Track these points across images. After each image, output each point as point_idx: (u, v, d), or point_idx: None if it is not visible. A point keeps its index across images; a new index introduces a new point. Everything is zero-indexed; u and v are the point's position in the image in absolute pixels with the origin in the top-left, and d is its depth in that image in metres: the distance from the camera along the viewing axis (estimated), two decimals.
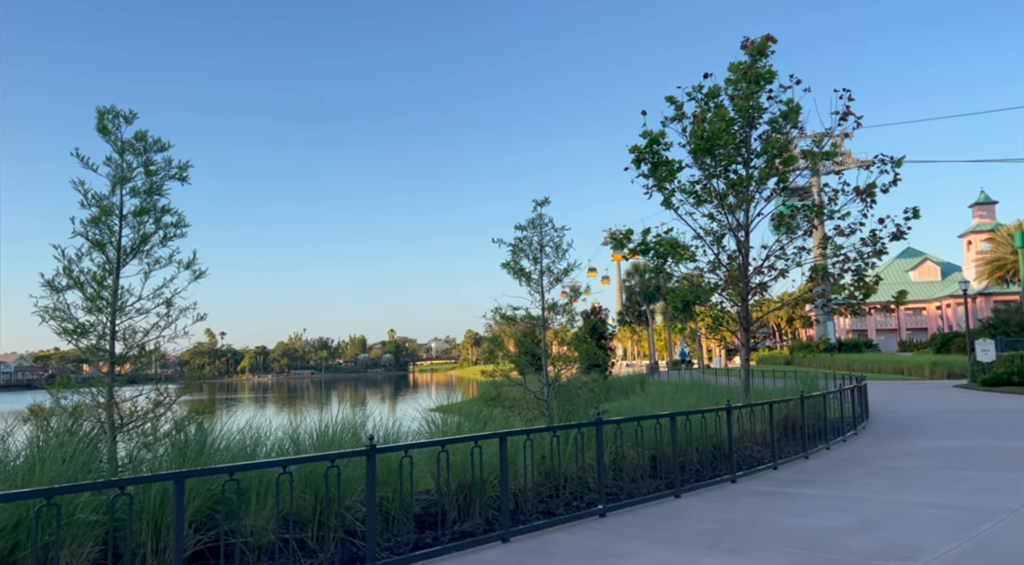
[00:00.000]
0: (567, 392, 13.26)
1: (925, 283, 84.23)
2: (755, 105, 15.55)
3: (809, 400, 13.82)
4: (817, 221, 16.89)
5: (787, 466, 11.98)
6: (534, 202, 12.79)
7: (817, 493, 9.66)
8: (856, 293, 16.28)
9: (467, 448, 7.83)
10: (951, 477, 10.59)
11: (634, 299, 73.17)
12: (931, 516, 8.00)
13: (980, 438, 14.94)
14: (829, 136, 16.05)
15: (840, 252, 16.32)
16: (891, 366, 49.72)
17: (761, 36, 15.55)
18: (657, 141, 15.99)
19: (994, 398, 26.60)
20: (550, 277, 13.02)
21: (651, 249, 16.75)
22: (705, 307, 17.74)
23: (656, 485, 10.05)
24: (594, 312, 47.49)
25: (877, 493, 9.55)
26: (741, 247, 16.42)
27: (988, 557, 6.37)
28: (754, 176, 15.90)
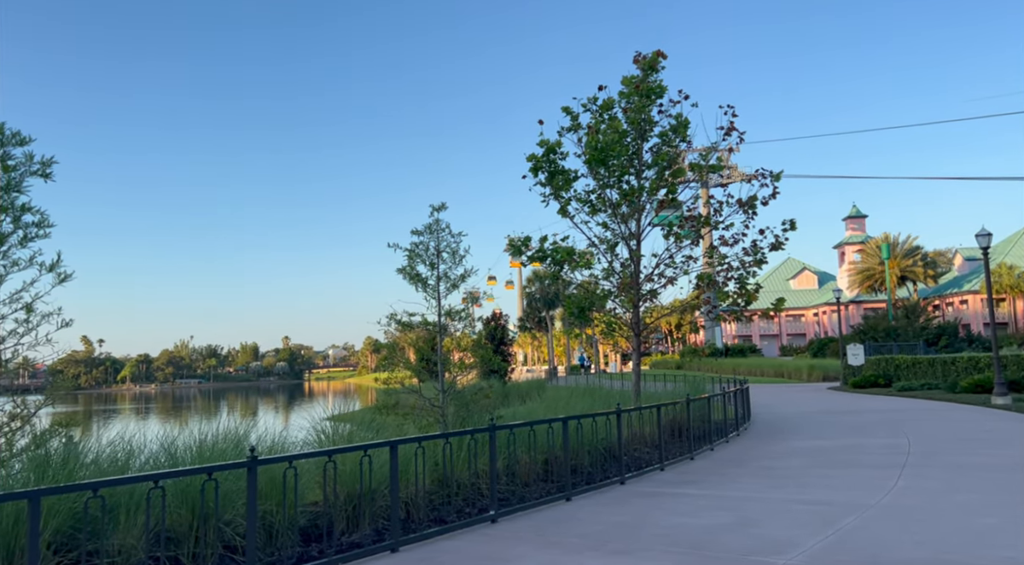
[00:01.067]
0: (463, 399, 13.22)
1: (804, 291, 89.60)
2: (646, 118, 16.11)
3: (695, 403, 14.39)
4: (704, 231, 17.66)
5: (673, 467, 12.41)
6: (431, 207, 12.72)
7: (700, 493, 10.05)
8: (739, 300, 17.10)
9: (357, 458, 7.65)
10: (822, 475, 11.28)
11: (534, 305, 74.06)
12: (802, 512, 8.48)
13: (849, 437, 16.00)
14: (715, 150, 16.84)
15: (724, 261, 17.11)
16: (772, 370, 52.56)
17: (652, 52, 16.14)
18: (554, 150, 16.28)
19: (862, 399, 28.59)
20: (447, 283, 12.95)
21: (548, 256, 17.01)
22: (600, 313, 18.17)
23: (548, 489, 10.17)
24: (495, 318, 47.72)
25: (755, 491, 10.04)
26: (633, 255, 16.93)
27: (848, 549, 6.81)
28: (645, 187, 16.44)
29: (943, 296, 76.88)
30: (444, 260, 12.84)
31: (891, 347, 45.38)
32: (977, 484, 9.87)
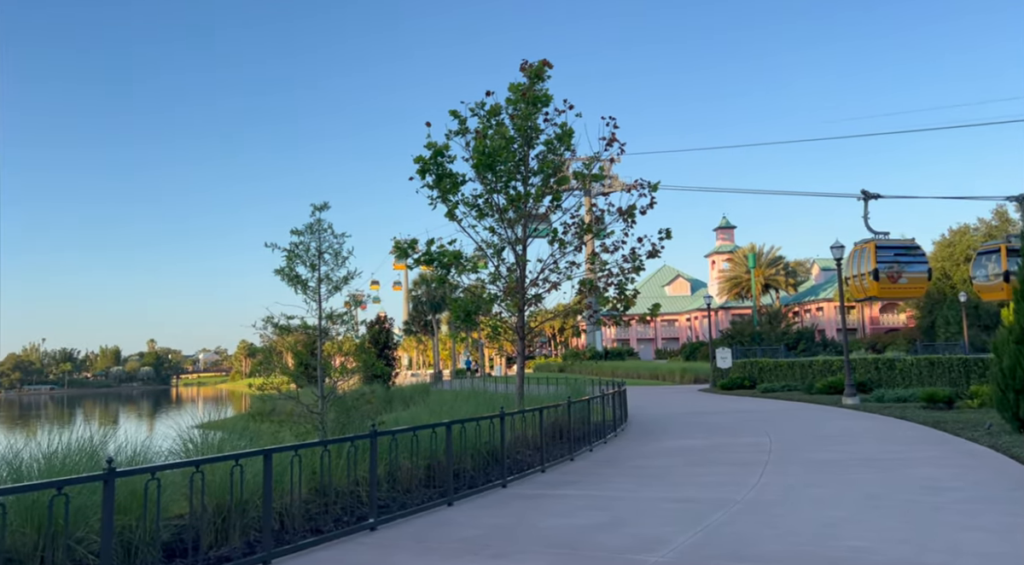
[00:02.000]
0: (345, 404, 12.89)
1: (678, 297, 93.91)
2: (533, 126, 16.36)
3: (576, 405, 14.73)
4: (587, 238, 18.13)
5: (554, 469, 12.64)
6: (313, 207, 12.34)
7: (579, 493, 10.29)
8: (618, 305, 17.66)
9: (228, 467, 7.28)
10: (691, 473, 11.83)
11: (421, 309, 73.51)
12: (673, 510, 8.85)
13: (717, 437, 16.88)
14: (598, 160, 17.34)
15: (605, 267, 17.63)
16: (648, 372, 54.73)
17: (539, 61, 16.42)
18: (441, 153, 16.23)
19: (730, 400, 30.27)
20: (329, 285, 12.61)
21: (435, 259, 16.92)
22: (486, 317, 18.26)
23: (430, 494, 10.09)
24: (379, 321, 46.97)
25: (629, 491, 10.39)
26: (519, 260, 17.13)
27: (714, 544, 7.17)
28: (531, 193, 16.69)
29: (802, 303, 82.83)
30: (326, 262, 12.49)
31: (756, 351, 48.33)
32: (829, 479, 10.66)
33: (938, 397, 20.81)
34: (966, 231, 62.58)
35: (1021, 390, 13.75)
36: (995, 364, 14.62)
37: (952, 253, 61.76)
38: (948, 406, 20.49)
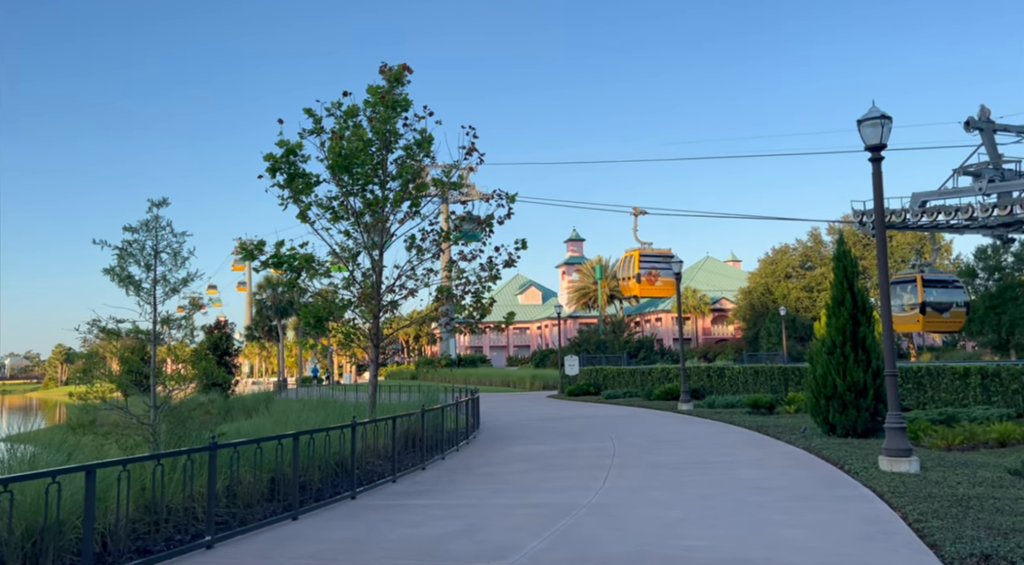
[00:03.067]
0: (180, 415, 12.03)
1: (530, 306, 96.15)
2: (391, 130, 16.16)
3: (429, 413, 14.63)
4: (445, 245, 18.13)
5: (406, 478, 12.47)
6: (150, 202, 11.47)
7: (430, 502, 10.21)
8: (475, 313, 17.79)
9: (42, 485, 6.55)
10: (541, 478, 12.09)
11: (265, 313, 70.10)
12: (523, 515, 9.00)
13: (565, 442, 17.39)
14: (457, 168, 17.42)
15: (462, 275, 17.70)
16: (500, 379, 55.51)
17: (399, 65, 16.26)
18: (294, 152, 15.63)
19: (577, 406, 31.32)
20: (166, 287, 11.76)
21: (285, 262, 16.23)
22: (338, 323, 17.75)
23: (274, 509, 9.62)
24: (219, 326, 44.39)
25: (481, 498, 10.45)
26: (375, 266, 16.82)
27: (563, 548, 7.36)
28: (389, 198, 16.46)
29: (643, 314, 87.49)
30: (163, 262, 11.65)
31: (601, 359, 50.40)
32: (667, 481, 11.29)
33: (761, 403, 22.65)
34: (786, 250, 68.79)
35: (831, 396, 15.28)
36: (810, 373, 16.14)
37: (774, 270, 67.65)
38: (770, 411, 22.36)
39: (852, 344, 15.29)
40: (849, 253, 16.43)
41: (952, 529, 7.17)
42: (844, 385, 15.07)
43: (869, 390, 15.01)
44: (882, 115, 11.46)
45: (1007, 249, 52.20)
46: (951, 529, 7.17)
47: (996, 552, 6.32)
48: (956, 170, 32.82)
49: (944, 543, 6.71)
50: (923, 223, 33.25)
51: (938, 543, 6.77)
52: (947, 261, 61.27)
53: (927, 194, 32.65)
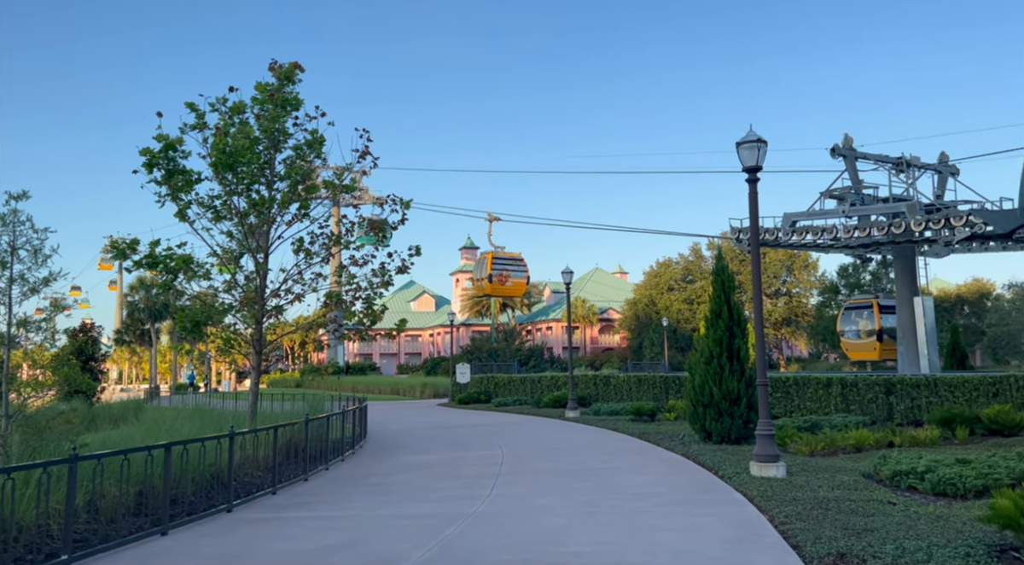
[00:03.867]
0: (36, 424, 11.12)
1: (423, 313, 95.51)
2: (281, 129, 15.65)
3: (314, 422, 14.20)
4: (335, 250, 17.69)
5: (287, 490, 12.04)
6: (7, 195, 10.58)
7: (312, 514, 9.90)
8: (365, 320, 17.45)
9: None
10: (429, 488, 11.99)
11: (137, 316, 66.00)
12: (409, 526, 8.88)
13: (453, 451, 17.34)
14: (349, 171, 17.06)
15: (353, 281, 17.33)
16: (390, 388, 54.71)
17: (289, 63, 15.79)
18: (174, 147, 14.83)
19: (467, 414, 31.32)
20: (24, 286, 10.87)
21: (160, 263, 15.34)
22: (217, 328, 16.94)
23: (141, 524, 9.03)
24: (84, 329, 41.42)
25: (367, 509, 10.23)
26: (259, 269, 16.20)
27: (449, 558, 7.31)
28: (276, 199, 15.91)
29: (535, 322, 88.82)
30: (21, 259, 10.76)
31: (492, 366, 50.71)
32: (553, 488, 11.46)
33: (643, 410, 23.47)
34: (669, 264, 71.80)
35: (708, 404, 16.03)
36: (689, 382, 16.87)
37: (658, 283, 70.42)
38: (651, 418, 23.20)
39: (728, 355, 16.12)
40: (727, 268, 17.33)
41: (813, 530, 7.67)
42: (720, 394, 15.85)
43: (742, 398, 15.85)
44: (758, 139, 12.18)
45: (865, 268, 56.71)
46: (812, 530, 7.67)
47: (850, 550, 6.81)
48: (823, 193, 35.32)
49: (806, 543, 7.17)
50: (793, 242, 35.54)
51: (801, 544, 7.22)
52: (813, 278, 65.85)
53: (797, 214, 34.94)
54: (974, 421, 16.03)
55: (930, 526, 7.62)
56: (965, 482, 9.55)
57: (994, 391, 17.27)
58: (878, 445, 14.63)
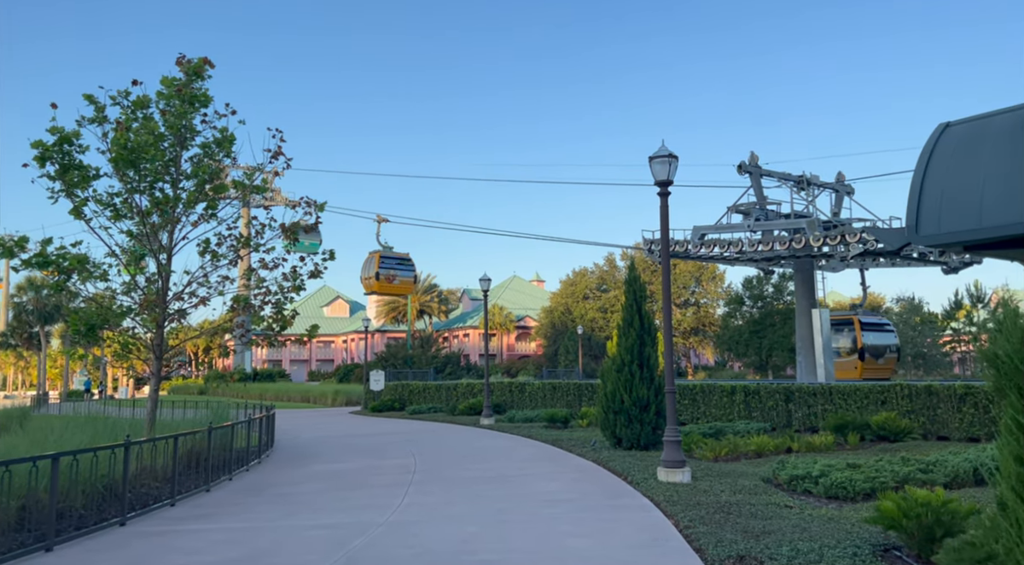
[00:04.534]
0: None
1: (336, 319, 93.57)
2: (188, 125, 15.05)
3: (218, 431, 13.67)
4: (244, 252, 17.11)
5: (187, 501, 11.52)
6: None
7: (213, 527, 9.50)
8: (274, 325, 16.94)
9: None
10: (338, 498, 11.72)
11: (25, 318, 61.85)
12: (317, 537, 8.65)
13: (365, 459, 17.03)
14: (261, 171, 16.56)
15: (263, 285, 16.81)
16: (300, 395, 53.30)
17: (199, 58, 15.22)
18: (70, 141, 14.01)
19: (380, 422, 30.85)
20: None
21: (52, 263, 14.44)
22: (114, 332, 16.08)
23: (23, 539, 8.44)
24: None
25: (271, 520, 9.91)
26: (162, 270, 15.49)
27: None
28: (182, 198, 15.27)
29: (452, 329, 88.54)
30: None
31: (408, 374, 50.18)
32: (466, 496, 11.42)
33: (557, 417, 23.73)
34: (585, 273, 73.08)
35: (619, 411, 16.36)
36: (601, 389, 17.19)
37: (574, 291, 71.55)
38: (565, 425, 23.48)
39: (639, 363, 16.52)
40: (639, 278, 17.78)
41: (715, 533, 7.93)
42: (631, 400, 16.21)
43: (652, 405, 16.27)
44: (669, 154, 12.58)
45: (768, 280, 59.38)
46: (715, 533, 7.93)
47: (749, 553, 7.08)
48: (730, 208, 36.84)
49: (708, 546, 7.40)
50: (702, 254, 36.87)
51: (703, 547, 7.45)
52: (720, 289, 68.42)
53: (706, 228, 36.26)
54: (864, 428, 17.00)
55: (822, 528, 8.01)
56: (855, 486, 10.10)
57: (882, 399, 18.36)
58: (777, 450, 15.30)
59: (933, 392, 17.44)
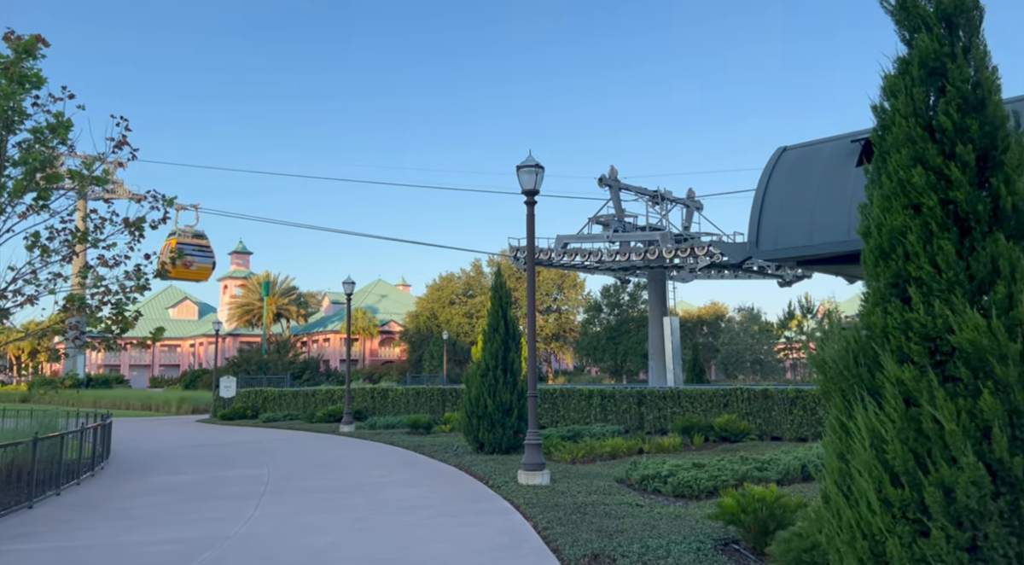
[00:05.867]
0: None
1: (183, 321, 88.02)
2: (16, 108, 13.62)
3: (44, 442, 12.45)
4: (80, 248, 15.69)
5: (7, 519, 10.38)
6: None
7: (39, 546, 8.62)
8: (114, 327, 15.65)
9: None
10: (184, 511, 11.00)
11: None
12: (158, 553, 8.07)
13: (213, 470, 16.10)
14: (102, 161, 15.28)
15: (101, 283, 15.49)
16: (140, 402, 49.62)
17: (31, 35, 13.84)
18: None
19: (231, 431, 29.31)
20: None
21: None
22: None
23: None
24: None
25: (104, 537, 9.14)
26: None
27: None
28: (7, 186, 13.78)
29: (311, 334, 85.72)
30: None
31: (262, 380, 48.05)
32: (322, 506, 11.07)
33: (420, 423, 23.57)
34: (451, 278, 73.20)
35: (482, 416, 16.49)
36: (465, 394, 17.26)
37: (440, 296, 71.46)
38: (427, 431, 23.36)
39: (503, 367, 16.75)
40: (505, 285, 18.05)
41: (571, 534, 8.17)
42: (494, 405, 16.39)
43: (514, 409, 16.54)
44: (536, 164, 12.88)
45: (625, 289, 62.13)
46: (571, 534, 8.17)
47: (603, 551, 7.35)
48: (591, 219, 38.31)
49: (564, 547, 7.61)
50: (564, 262, 38.05)
51: (560, 547, 7.66)
52: (581, 296, 70.79)
53: (568, 237, 37.43)
54: (709, 429, 18.15)
55: (670, 525, 8.46)
56: (699, 484, 10.76)
57: (725, 402, 19.70)
58: (630, 452, 16.01)
59: (769, 396, 18.92)
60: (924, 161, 4.05)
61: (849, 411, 4.06)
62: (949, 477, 3.58)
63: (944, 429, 3.65)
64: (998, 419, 3.59)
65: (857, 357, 4.11)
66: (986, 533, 3.53)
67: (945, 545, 3.54)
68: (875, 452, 3.81)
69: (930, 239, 3.97)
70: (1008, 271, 3.80)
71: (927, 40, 4.08)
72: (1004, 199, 3.93)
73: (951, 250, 3.89)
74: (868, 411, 3.90)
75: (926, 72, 4.12)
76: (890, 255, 4.09)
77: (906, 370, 3.82)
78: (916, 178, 4.02)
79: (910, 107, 4.14)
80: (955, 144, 4.00)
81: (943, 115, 4.03)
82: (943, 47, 4.08)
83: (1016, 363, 3.63)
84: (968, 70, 4.08)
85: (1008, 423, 3.62)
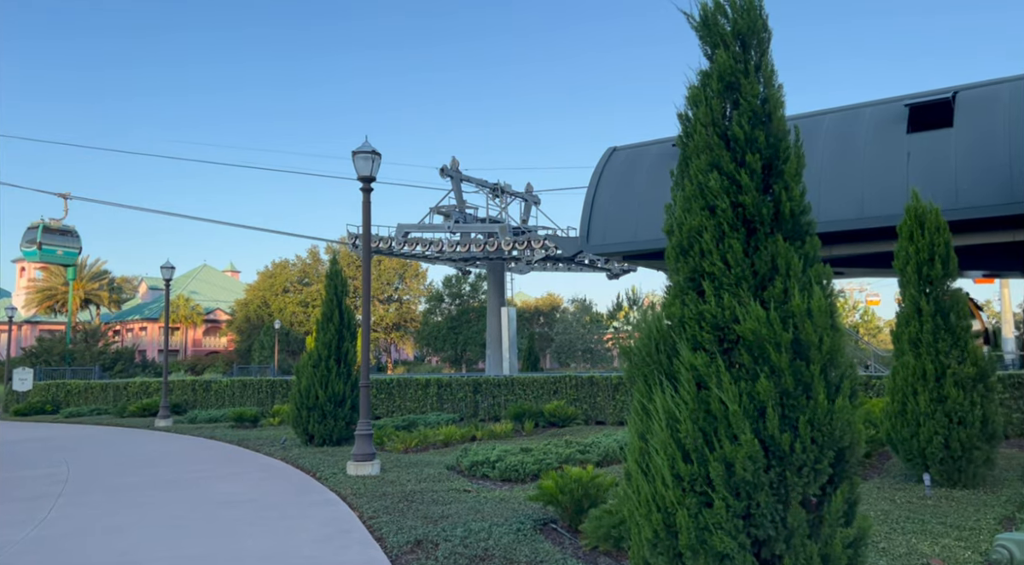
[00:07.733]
0: None
1: None
2: None
3: None
4: None
5: None
6: None
7: None
8: None
9: None
10: None
11: None
12: None
13: (2, 471, 14.44)
14: None
15: None
16: None
17: None
18: None
19: (26, 427, 26.43)
20: None
21: None
22: None
23: None
24: None
25: None
26: None
27: None
28: None
29: (125, 322, 78.98)
30: None
31: (66, 372, 43.64)
32: (133, 505, 10.29)
33: (246, 416, 22.48)
34: (285, 265, 70.23)
35: (313, 407, 16.04)
36: (296, 385, 16.70)
37: (273, 284, 68.35)
38: (254, 424, 22.34)
39: (336, 358, 16.38)
40: (341, 273, 17.63)
41: (397, 522, 8.18)
42: (326, 396, 16.00)
43: (347, 400, 16.23)
44: (372, 150, 12.69)
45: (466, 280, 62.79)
46: (396, 522, 8.18)
47: (427, 537, 7.43)
48: (432, 209, 38.31)
49: (389, 535, 7.61)
50: (405, 251, 37.78)
51: (384, 535, 7.65)
52: (422, 286, 70.62)
53: (409, 226, 37.21)
54: (539, 415, 18.83)
55: (494, 508, 8.71)
56: (525, 468, 11.15)
57: (554, 389, 20.51)
58: (463, 439, 16.25)
59: (595, 383, 19.94)
60: (719, 167, 4.45)
61: (650, 395, 4.39)
62: (731, 453, 3.98)
63: (728, 410, 4.06)
64: (771, 400, 4.05)
65: (658, 345, 4.46)
66: (759, 502, 3.97)
67: (725, 514, 3.94)
68: (670, 432, 4.16)
69: (722, 238, 4.38)
70: (785, 268, 4.28)
71: (725, 56, 4.48)
72: (784, 204, 4.42)
73: (739, 248, 4.31)
74: (666, 394, 4.25)
75: (724, 86, 4.52)
76: (688, 252, 4.47)
77: (699, 356, 4.20)
78: (712, 182, 4.42)
79: (709, 117, 4.53)
80: (745, 153, 4.44)
81: (736, 126, 4.45)
82: (738, 64, 4.50)
83: (787, 350, 4.11)
84: (758, 86, 4.53)
85: (779, 403, 4.09)
